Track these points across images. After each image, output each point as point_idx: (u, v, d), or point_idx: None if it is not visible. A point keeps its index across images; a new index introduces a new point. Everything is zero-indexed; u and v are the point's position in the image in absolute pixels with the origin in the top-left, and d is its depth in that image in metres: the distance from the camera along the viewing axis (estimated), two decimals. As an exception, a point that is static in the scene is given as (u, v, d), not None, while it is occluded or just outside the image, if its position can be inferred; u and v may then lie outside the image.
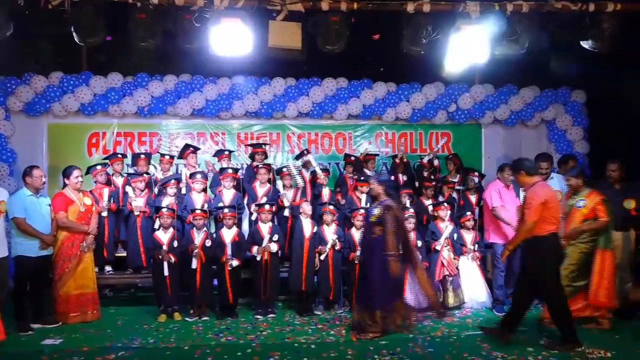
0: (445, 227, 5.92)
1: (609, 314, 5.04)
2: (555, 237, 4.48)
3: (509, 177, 5.80)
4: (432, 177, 6.70)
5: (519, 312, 4.64)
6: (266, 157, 6.61)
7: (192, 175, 6.12)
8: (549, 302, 4.61)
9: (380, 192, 4.95)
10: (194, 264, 5.40)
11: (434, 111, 7.32)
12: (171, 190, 5.92)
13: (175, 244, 5.45)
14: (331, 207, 5.80)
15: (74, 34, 4.99)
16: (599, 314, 5.02)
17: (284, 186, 6.20)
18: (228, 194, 6.05)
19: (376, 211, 4.87)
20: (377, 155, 7.07)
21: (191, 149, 6.50)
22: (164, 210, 5.53)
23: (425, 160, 6.90)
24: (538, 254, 4.45)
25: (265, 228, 5.62)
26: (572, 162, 6.19)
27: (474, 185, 6.54)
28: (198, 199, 5.98)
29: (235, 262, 5.46)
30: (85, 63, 7.15)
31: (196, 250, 5.38)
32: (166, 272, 5.36)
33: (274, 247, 5.53)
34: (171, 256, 5.37)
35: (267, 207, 5.66)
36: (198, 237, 5.47)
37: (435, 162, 6.88)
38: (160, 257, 5.37)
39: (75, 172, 5.39)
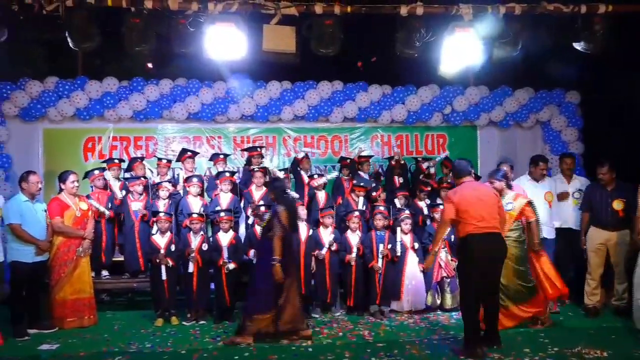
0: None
1: (548, 312, 5.16)
2: (472, 238, 4.33)
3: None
4: (428, 179, 6.71)
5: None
6: (262, 159, 6.62)
7: (187, 179, 6.13)
8: (460, 300, 4.65)
9: (272, 198, 5.11)
10: (191, 267, 5.40)
11: (429, 113, 7.34)
12: (163, 193, 5.93)
13: (173, 247, 5.46)
14: (331, 210, 5.82)
15: (69, 39, 5.01)
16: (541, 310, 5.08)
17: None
18: (225, 198, 6.05)
19: (266, 216, 5.01)
20: (372, 157, 7.08)
21: (188, 153, 6.50)
22: (161, 214, 5.53)
23: (424, 166, 6.91)
24: (458, 255, 4.56)
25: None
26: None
27: None
28: (194, 203, 5.99)
29: (232, 266, 5.46)
30: (81, 68, 7.16)
31: (193, 254, 5.39)
32: (164, 276, 5.36)
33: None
34: (169, 260, 5.37)
35: (263, 209, 5.65)
36: (195, 241, 5.48)
37: (432, 171, 6.89)
38: (157, 261, 5.37)
39: (71, 177, 5.39)
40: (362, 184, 6.28)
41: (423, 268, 5.66)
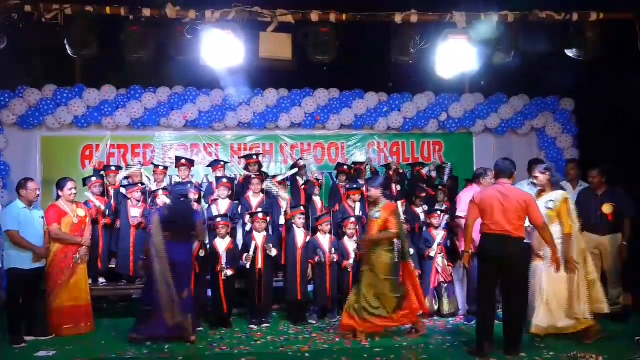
0: (438, 234, 5.96)
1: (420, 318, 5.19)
2: (485, 237, 4.52)
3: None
4: (428, 184, 6.73)
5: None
6: (261, 167, 6.64)
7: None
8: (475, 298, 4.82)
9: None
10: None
11: (425, 120, 7.40)
12: (160, 200, 5.94)
13: None
14: (327, 217, 5.84)
15: (67, 46, 5.06)
16: (415, 320, 5.10)
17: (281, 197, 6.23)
18: (223, 204, 6.08)
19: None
20: (363, 163, 7.02)
21: (183, 160, 6.49)
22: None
23: (424, 171, 6.95)
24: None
25: (259, 237, 5.64)
26: (571, 167, 6.14)
27: None
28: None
29: (229, 272, 5.47)
30: (79, 76, 7.21)
31: None
32: None
33: (273, 252, 5.58)
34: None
35: (260, 215, 5.69)
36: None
37: (433, 175, 6.92)
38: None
39: (69, 184, 5.41)
40: (354, 186, 6.29)
41: (419, 273, 5.68)
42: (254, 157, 6.62)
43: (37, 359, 4.59)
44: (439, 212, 6.05)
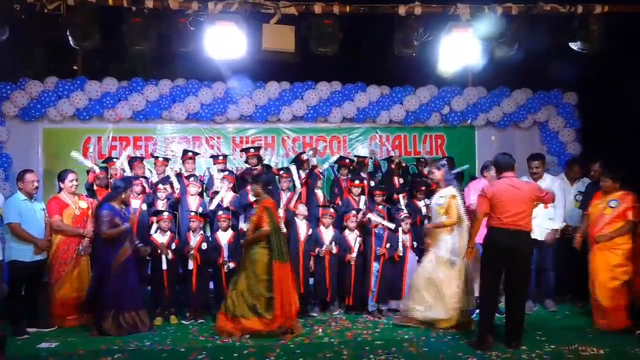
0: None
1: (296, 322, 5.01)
2: (494, 231, 4.52)
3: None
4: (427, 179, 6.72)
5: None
6: (261, 161, 6.62)
7: (186, 178, 6.15)
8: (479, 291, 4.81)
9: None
10: (191, 265, 5.41)
11: (428, 114, 7.38)
12: (161, 194, 5.95)
13: (173, 246, 5.47)
14: (331, 210, 5.85)
15: (70, 38, 5.04)
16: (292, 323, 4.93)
17: (282, 189, 6.23)
18: (226, 197, 6.08)
19: None
20: (365, 157, 6.98)
21: (189, 154, 6.51)
22: (164, 214, 5.54)
23: (425, 171, 6.91)
24: (482, 246, 4.69)
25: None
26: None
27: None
28: (192, 202, 6.01)
29: (231, 265, 5.48)
30: (80, 68, 7.19)
31: (192, 252, 5.40)
32: (164, 266, 5.35)
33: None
34: (169, 251, 5.38)
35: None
36: (194, 240, 5.49)
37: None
38: (159, 252, 5.38)
39: (70, 176, 5.40)
40: (356, 180, 6.29)
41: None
42: (252, 150, 6.57)
43: (40, 350, 4.61)
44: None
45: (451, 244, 5.04)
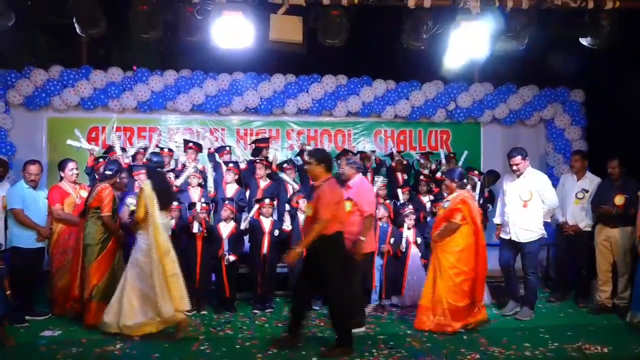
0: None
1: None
2: (340, 235, 4.32)
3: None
4: (431, 174, 6.69)
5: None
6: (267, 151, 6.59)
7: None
8: (331, 302, 4.41)
9: None
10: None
11: (433, 109, 7.33)
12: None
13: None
14: None
15: (75, 25, 4.99)
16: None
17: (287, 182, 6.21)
18: (230, 188, 6.05)
19: None
20: (369, 152, 6.92)
21: (190, 144, 6.48)
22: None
23: (425, 172, 6.88)
24: (326, 253, 4.25)
25: (266, 222, 5.63)
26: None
27: (474, 184, 6.50)
28: (194, 193, 5.99)
29: (231, 258, 5.46)
30: (85, 57, 7.16)
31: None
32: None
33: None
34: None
35: (267, 201, 5.66)
36: (195, 228, 5.42)
37: (433, 167, 6.86)
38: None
39: (70, 165, 5.38)
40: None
41: (424, 262, 5.65)
42: (267, 141, 6.59)
43: (42, 338, 4.60)
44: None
45: None
